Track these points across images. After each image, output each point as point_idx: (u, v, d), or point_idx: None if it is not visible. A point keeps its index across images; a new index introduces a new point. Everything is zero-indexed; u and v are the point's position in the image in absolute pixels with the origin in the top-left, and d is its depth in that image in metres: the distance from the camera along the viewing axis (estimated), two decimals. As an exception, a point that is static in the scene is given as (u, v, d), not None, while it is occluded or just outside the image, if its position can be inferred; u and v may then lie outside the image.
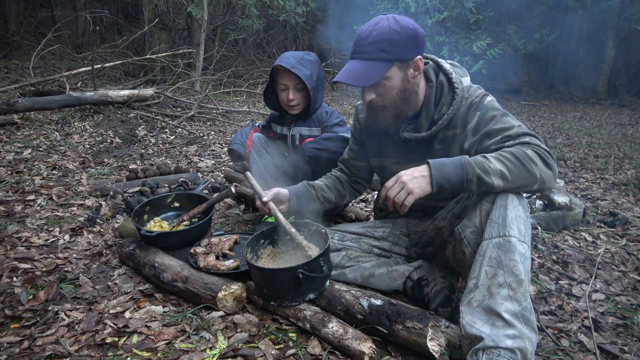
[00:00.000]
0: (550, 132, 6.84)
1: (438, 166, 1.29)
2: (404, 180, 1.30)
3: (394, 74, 1.42)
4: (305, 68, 2.08)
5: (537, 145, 1.31)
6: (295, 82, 2.12)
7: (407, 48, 1.39)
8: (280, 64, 2.08)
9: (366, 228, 1.85)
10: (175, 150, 4.25)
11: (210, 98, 6.51)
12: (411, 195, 1.29)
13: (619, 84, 13.27)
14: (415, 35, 1.40)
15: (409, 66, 1.43)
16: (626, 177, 4.03)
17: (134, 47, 8.34)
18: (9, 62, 8.01)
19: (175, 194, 2.24)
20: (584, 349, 1.49)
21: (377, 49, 1.38)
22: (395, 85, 1.44)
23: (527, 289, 1.21)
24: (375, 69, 1.39)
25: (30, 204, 2.60)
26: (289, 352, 1.39)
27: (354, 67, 1.42)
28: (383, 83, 1.43)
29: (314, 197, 1.81)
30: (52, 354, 1.35)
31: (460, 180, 1.27)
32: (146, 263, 1.79)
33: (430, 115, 1.52)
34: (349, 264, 1.74)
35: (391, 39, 1.37)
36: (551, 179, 1.30)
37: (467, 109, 1.46)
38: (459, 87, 1.47)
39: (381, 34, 1.37)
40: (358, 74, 1.40)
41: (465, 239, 1.36)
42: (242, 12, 8.78)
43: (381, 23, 1.39)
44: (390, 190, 1.32)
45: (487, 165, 1.26)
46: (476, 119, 1.43)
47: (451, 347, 1.34)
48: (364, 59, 1.41)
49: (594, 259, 2.19)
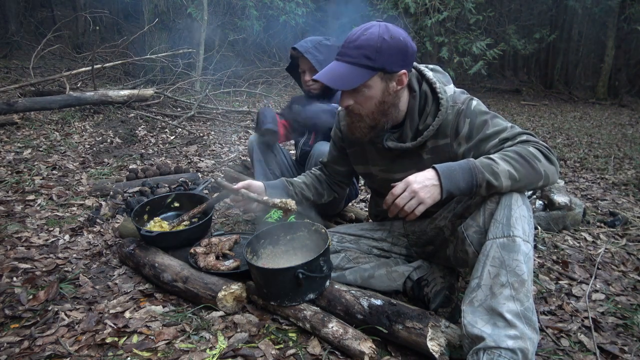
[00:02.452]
0: (550, 132, 6.84)
1: (447, 173, 1.26)
2: (415, 189, 1.25)
3: (375, 83, 1.37)
4: (320, 53, 2.06)
5: (536, 142, 1.31)
6: (309, 66, 2.13)
7: (393, 60, 1.35)
8: (296, 47, 2.10)
9: (364, 230, 1.85)
10: (175, 150, 4.25)
11: (210, 98, 6.51)
12: (422, 204, 1.26)
13: (619, 84, 13.27)
14: (404, 48, 1.36)
15: (392, 79, 1.38)
16: (626, 177, 4.03)
17: (134, 47, 8.34)
18: (9, 62, 8.01)
19: (175, 194, 2.24)
20: (584, 349, 1.49)
21: (362, 55, 1.34)
22: (374, 95, 1.39)
23: (529, 289, 1.21)
24: (357, 75, 1.35)
25: (30, 204, 2.60)
26: (289, 352, 1.39)
27: (336, 68, 1.38)
28: (362, 90, 1.38)
29: (292, 193, 1.79)
30: (52, 354, 1.35)
31: (470, 186, 1.26)
32: (146, 263, 1.79)
33: (414, 125, 1.48)
34: (349, 266, 1.73)
35: (378, 47, 1.32)
36: (554, 174, 1.30)
37: (456, 117, 1.42)
38: (444, 97, 1.43)
39: (369, 40, 1.33)
40: (338, 76, 1.36)
41: (468, 238, 1.35)
42: (242, 13, 8.78)
43: (372, 29, 1.35)
44: (400, 199, 1.27)
45: (495, 167, 1.24)
46: (467, 126, 1.41)
47: (451, 347, 1.34)
48: (348, 62, 1.36)
49: (594, 259, 2.19)
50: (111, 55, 7.63)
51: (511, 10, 12.41)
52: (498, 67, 14.73)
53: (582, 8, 11.56)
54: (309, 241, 1.73)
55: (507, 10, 11.52)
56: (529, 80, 15.31)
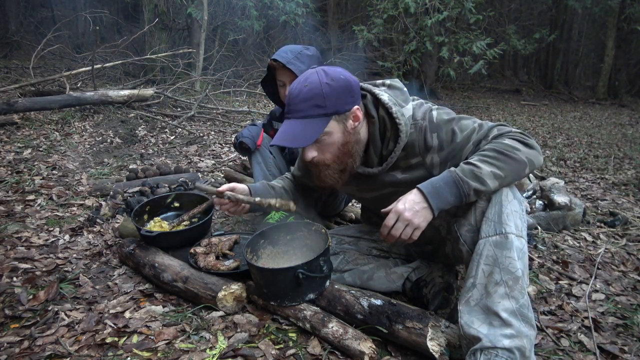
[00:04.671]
0: (550, 132, 6.84)
1: (433, 192, 1.25)
2: (407, 217, 1.25)
3: (333, 128, 1.34)
4: (303, 63, 1.95)
5: (509, 131, 1.31)
6: (292, 78, 1.97)
7: (342, 100, 1.33)
8: (276, 58, 1.97)
9: (363, 232, 1.85)
10: (175, 150, 4.25)
11: (210, 98, 6.51)
12: (417, 229, 1.26)
13: (619, 84, 13.27)
14: (348, 85, 1.34)
15: (347, 118, 1.36)
16: (626, 177, 4.03)
17: (134, 47, 8.33)
18: (9, 62, 8.01)
19: (175, 194, 2.24)
20: (584, 349, 1.49)
21: (311, 106, 1.31)
22: (336, 140, 1.36)
23: (524, 285, 1.21)
24: (313, 126, 1.32)
25: (30, 204, 2.60)
26: (289, 352, 1.39)
27: (289, 127, 1.34)
28: (323, 139, 1.35)
29: (273, 197, 1.74)
30: (52, 354, 1.35)
31: (459, 198, 1.26)
32: (146, 263, 1.79)
33: (377, 150, 1.46)
34: (347, 268, 1.73)
35: (324, 93, 1.30)
36: (537, 156, 1.30)
37: (421, 134, 1.39)
38: (401, 122, 1.38)
39: (312, 90, 1.31)
40: (295, 135, 1.33)
41: (461, 237, 1.36)
42: (242, 13, 8.78)
43: (311, 78, 1.33)
44: (395, 230, 1.27)
45: (478, 172, 1.24)
46: (436, 140, 1.39)
47: (451, 347, 1.34)
48: (300, 117, 1.33)
49: (594, 259, 2.19)
50: (111, 55, 7.63)
51: (511, 10, 12.40)
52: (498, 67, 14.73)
53: (582, 8, 11.55)
54: (309, 241, 1.73)
55: (507, 10, 11.51)
56: (529, 80, 15.32)
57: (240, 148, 2.23)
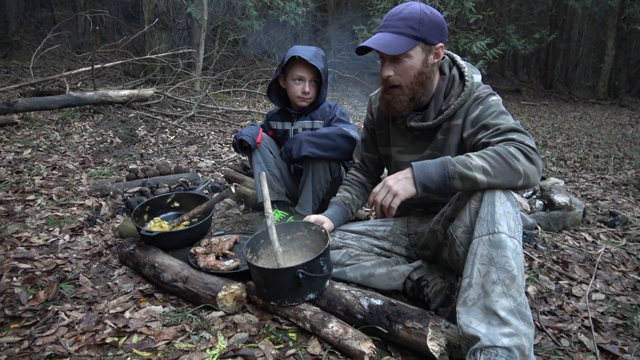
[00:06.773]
0: (550, 132, 6.84)
1: (420, 167, 1.34)
2: (389, 184, 1.36)
3: (417, 53, 1.47)
4: (321, 62, 2.11)
5: (521, 142, 1.32)
6: (313, 75, 2.14)
7: (433, 32, 1.46)
8: (300, 54, 2.07)
9: (367, 227, 1.85)
10: (175, 150, 4.25)
11: (210, 98, 6.51)
12: (397, 197, 1.34)
13: (619, 84, 13.27)
14: (442, 23, 1.49)
15: (431, 51, 1.49)
16: (626, 177, 4.03)
17: (134, 47, 8.34)
18: (9, 62, 8.02)
19: (175, 194, 2.24)
20: (584, 349, 1.49)
21: (406, 25, 1.44)
22: (414, 66, 1.48)
23: (520, 284, 1.21)
24: (402, 42, 1.44)
25: (30, 204, 2.60)
26: (289, 352, 1.39)
27: (382, 37, 1.47)
28: (404, 60, 1.47)
29: (350, 214, 1.90)
30: (52, 354, 1.35)
31: (442, 178, 1.31)
32: (146, 263, 1.79)
33: (438, 106, 1.57)
34: (350, 262, 1.74)
35: (421, 19, 1.44)
36: (535, 174, 1.30)
37: (472, 102, 1.51)
38: (469, 81, 1.53)
39: (412, 13, 1.45)
40: (386, 43, 1.45)
41: (457, 239, 1.37)
42: (242, 13, 8.78)
43: (413, 5, 1.47)
44: (377, 195, 1.38)
45: (469, 162, 1.29)
46: (477, 112, 1.48)
47: (451, 347, 1.34)
48: (393, 32, 1.46)
49: (594, 259, 2.19)
50: (111, 55, 7.63)
51: (511, 10, 12.41)
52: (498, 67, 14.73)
53: (582, 8, 11.56)
54: (309, 241, 1.73)
55: (507, 10, 11.52)
56: (529, 80, 15.32)
57: (240, 147, 2.23)
